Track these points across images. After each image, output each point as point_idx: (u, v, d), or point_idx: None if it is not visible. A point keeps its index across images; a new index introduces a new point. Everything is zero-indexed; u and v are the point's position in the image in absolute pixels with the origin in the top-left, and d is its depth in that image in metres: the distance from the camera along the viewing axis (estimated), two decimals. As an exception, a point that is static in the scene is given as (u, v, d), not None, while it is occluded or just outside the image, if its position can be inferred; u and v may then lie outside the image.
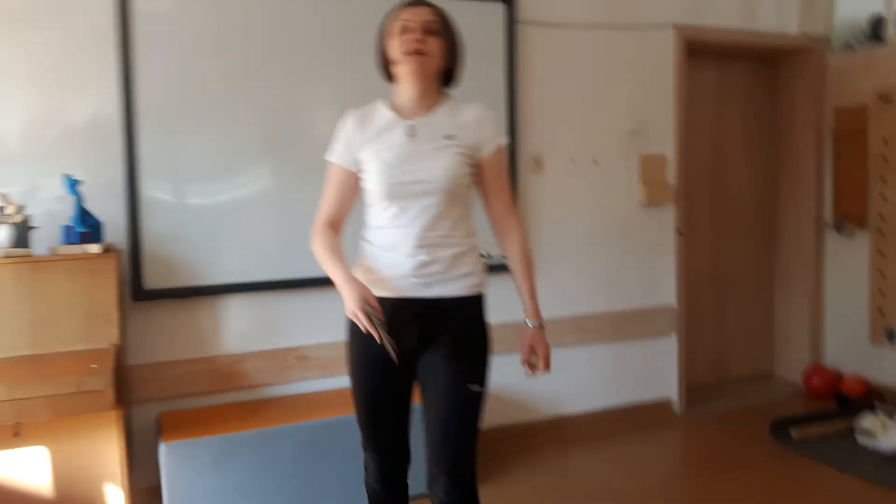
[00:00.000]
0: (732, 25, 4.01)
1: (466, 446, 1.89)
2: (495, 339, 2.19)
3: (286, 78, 3.14)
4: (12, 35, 2.79)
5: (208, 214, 3.05)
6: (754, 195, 4.54)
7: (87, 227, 2.70)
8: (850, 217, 4.09)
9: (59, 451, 2.55)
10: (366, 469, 2.05)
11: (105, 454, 2.58)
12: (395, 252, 1.87)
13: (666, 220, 3.95)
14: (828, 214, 4.27)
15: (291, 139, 3.16)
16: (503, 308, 3.59)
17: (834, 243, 4.28)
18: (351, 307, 1.78)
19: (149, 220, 2.96)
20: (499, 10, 3.46)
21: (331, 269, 1.87)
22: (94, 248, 2.64)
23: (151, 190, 2.96)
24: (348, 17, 3.20)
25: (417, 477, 2.19)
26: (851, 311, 4.18)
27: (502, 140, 1.96)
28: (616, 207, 3.83)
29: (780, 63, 4.46)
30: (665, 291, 3.98)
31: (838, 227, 4.14)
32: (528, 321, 1.98)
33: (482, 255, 2.00)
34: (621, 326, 3.87)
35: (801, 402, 4.21)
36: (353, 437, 2.80)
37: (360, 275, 1.93)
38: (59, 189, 2.77)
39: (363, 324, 1.75)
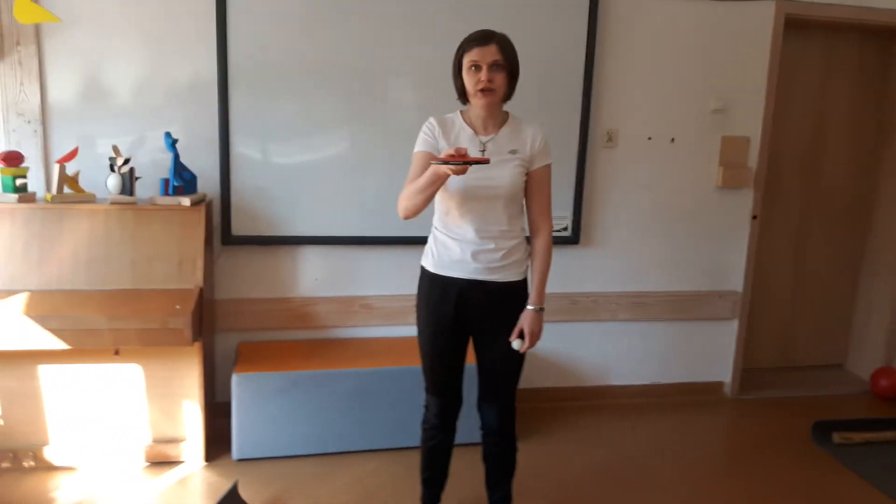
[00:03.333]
0: (842, 1, 3.74)
1: (514, 388, 2.46)
2: (551, 308, 2.81)
3: (367, 48, 3.32)
4: (123, 1, 3.13)
5: (291, 172, 3.35)
6: (850, 181, 4.31)
7: (181, 181, 3.07)
8: (949, 217, 3.84)
9: (150, 369, 3.02)
10: (427, 408, 2.53)
11: (188, 376, 3.04)
12: (463, 241, 2.29)
13: (742, 205, 3.88)
14: (928, 211, 4.02)
15: (369, 108, 3.37)
16: (557, 282, 3.77)
17: (929, 242, 4.04)
18: (444, 170, 2.03)
19: (238, 175, 3.31)
20: (584, -18, 3.45)
21: (419, 184, 2.15)
22: (185, 201, 3.02)
23: (241, 147, 3.29)
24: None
25: (462, 427, 2.58)
26: (935, 316, 3.98)
27: (549, 160, 2.35)
28: (690, 188, 3.80)
29: (895, 42, 4.12)
30: (733, 277, 3.96)
31: (935, 226, 3.90)
32: (530, 306, 2.35)
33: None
34: (682, 307, 3.91)
35: (865, 401, 4.11)
36: (401, 386, 3.18)
37: (430, 260, 2.38)
38: (162, 142, 3.16)
39: (460, 168, 1.99)
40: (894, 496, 3.04)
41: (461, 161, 1.98)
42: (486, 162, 2.07)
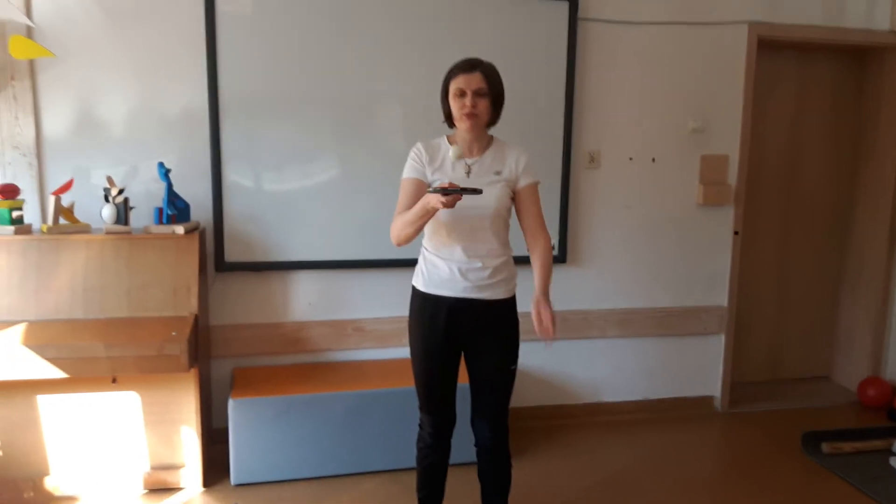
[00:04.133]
0: (813, 22, 3.89)
1: (505, 404, 2.52)
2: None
3: (353, 76, 3.41)
4: (118, 33, 3.20)
5: (283, 199, 3.42)
6: (828, 196, 4.43)
7: (175, 210, 3.13)
8: (925, 228, 3.95)
9: (147, 396, 3.05)
10: (421, 426, 2.56)
11: (185, 402, 3.06)
12: (452, 260, 2.37)
13: (724, 221, 3.98)
14: (904, 223, 4.13)
15: (357, 134, 3.45)
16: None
17: (907, 254, 4.15)
18: (435, 204, 2.14)
19: (230, 202, 3.37)
20: (563, 8, 3.56)
21: (410, 215, 2.26)
22: (179, 230, 3.07)
23: (234, 175, 3.36)
24: (413, 21, 3.43)
25: (458, 448, 2.61)
26: (917, 325, 4.08)
27: (535, 179, 2.45)
28: (672, 206, 3.90)
29: (867, 60, 4.27)
30: (718, 291, 4.04)
31: (912, 237, 4.01)
32: (542, 294, 2.37)
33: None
34: (669, 323, 3.98)
35: (853, 411, 4.18)
36: (396, 407, 3.22)
37: (421, 280, 2.44)
38: (155, 172, 3.22)
39: (450, 201, 2.09)
40: (883, 501, 3.09)
41: (454, 189, 2.07)
42: (478, 192, 2.10)
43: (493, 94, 2.33)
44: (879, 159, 4.21)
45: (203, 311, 3.21)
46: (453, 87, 2.31)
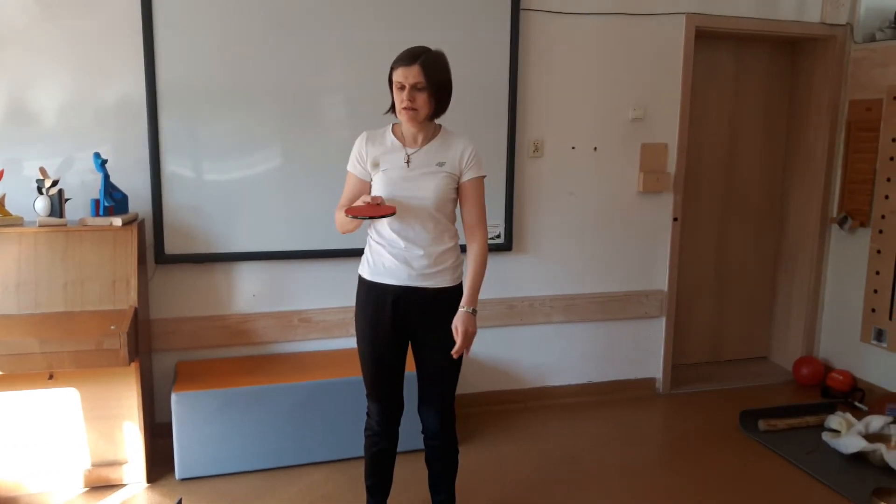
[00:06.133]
0: (748, 14, 4.00)
1: (452, 391, 2.54)
2: (489, 314, 2.51)
3: (296, 65, 3.38)
4: (52, 22, 3.11)
5: (224, 190, 3.37)
6: (764, 182, 4.58)
7: (112, 201, 3.06)
8: (853, 213, 4.11)
9: (87, 392, 2.98)
10: (368, 415, 2.58)
11: (126, 397, 3.01)
12: (395, 249, 2.38)
13: (663, 208, 4.07)
14: (834, 208, 4.30)
15: (300, 123, 3.42)
16: (494, 288, 3.87)
17: (837, 238, 4.33)
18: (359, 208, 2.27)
19: (170, 193, 3.31)
20: (506, -1, 3.60)
21: (342, 220, 2.39)
22: (117, 221, 3.01)
23: (173, 166, 3.29)
24: (356, 11, 3.40)
25: (405, 435, 2.63)
26: (847, 307, 4.25)
27: (480, 173, 2.45)
28: (614, 194, 3.97)
29: (799, 51, 4.41)
30: (658, 276, 4.14)
31: (841, 222, 4.17)
32: (462, 307, 2.42)
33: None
34: (612, 307, 4.06)
35: (789, 390, 4.34)
36: (342, 398, 3.21)
37: (366, 268, 2.47)
38: (91, 163, 3.14)
39: (368, 210, 2.24)
40: (815, 475, 3.23)
41: (368, 216, 2.22)
42: (392, 213, 2.25)
43: (433, 86, 2.29)
44: (811, 145, 4.36)
45: (143, 305, 3.15)
46: (394, 79, 2.30)
